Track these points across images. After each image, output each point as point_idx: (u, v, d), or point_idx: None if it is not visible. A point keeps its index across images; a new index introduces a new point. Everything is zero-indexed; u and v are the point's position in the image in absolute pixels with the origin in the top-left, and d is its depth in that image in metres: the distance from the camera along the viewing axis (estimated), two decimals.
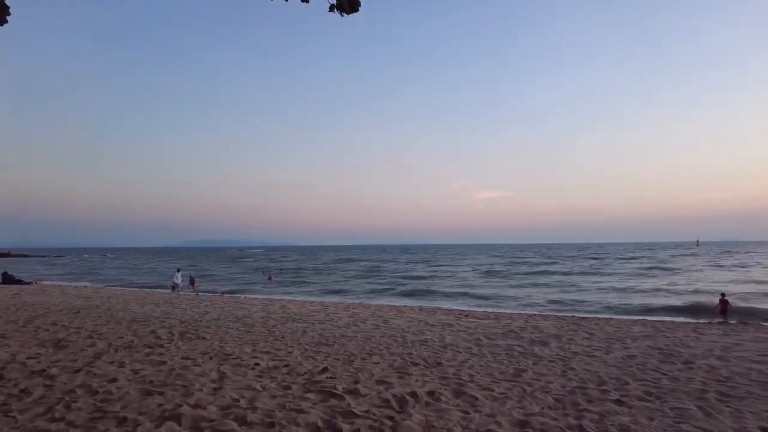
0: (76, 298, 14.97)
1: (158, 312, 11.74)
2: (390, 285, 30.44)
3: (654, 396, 5.08)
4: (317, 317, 11.27)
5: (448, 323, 10.56)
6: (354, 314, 12.05)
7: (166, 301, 14.76)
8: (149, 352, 6.81)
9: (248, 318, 10.89)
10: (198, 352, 6.92)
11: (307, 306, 14.90)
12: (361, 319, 11.05)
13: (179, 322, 9.91)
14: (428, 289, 26.95)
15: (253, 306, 13.88)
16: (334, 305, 15.73)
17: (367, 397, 4.93)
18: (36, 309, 11.77)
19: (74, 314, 10.84)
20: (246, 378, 5.57)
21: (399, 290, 26.85)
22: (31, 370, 5.65)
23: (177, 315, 11.20)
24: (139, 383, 5.19)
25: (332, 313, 12.19)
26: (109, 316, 10.72)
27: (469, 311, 14.98)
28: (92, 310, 11.77)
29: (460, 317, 12.18)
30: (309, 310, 13.12)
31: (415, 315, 12.44)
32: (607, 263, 49.97)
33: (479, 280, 33.53)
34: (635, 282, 28.45)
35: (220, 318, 10.80)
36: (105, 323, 9.56)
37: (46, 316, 10.53)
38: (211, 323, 9.92)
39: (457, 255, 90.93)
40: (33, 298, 14.55)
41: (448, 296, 23.30)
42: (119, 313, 11.27)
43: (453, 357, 7.01)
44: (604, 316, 14.06)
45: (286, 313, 12.15)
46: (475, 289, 26.56)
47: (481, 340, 8.44)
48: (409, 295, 24.16)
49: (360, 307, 14.91)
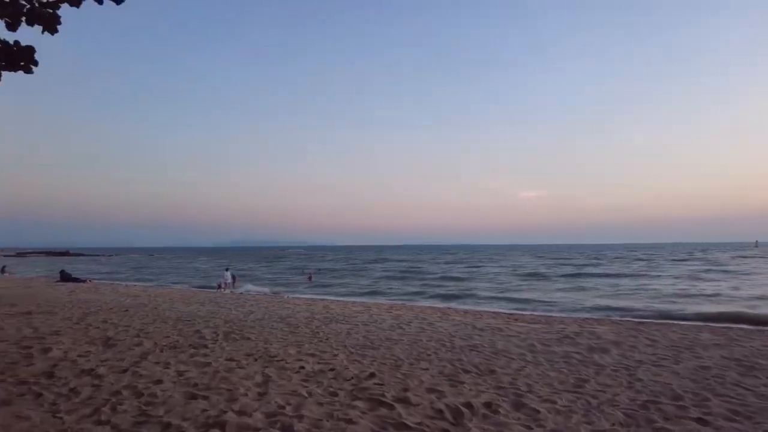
0: (125, 296, 15.37)
1: (203, 311, 11.82)
2: (428, 286, 29.99)
3: (742, 416, 4.52)
4: (360, 318, 11.04)
5: (497, 327, 10.09)
6: (397, 316, 11.75)
7: (211, 300, 14.93)
8: (194, 353, 6.74)
9: (292, 318, 10.79)
10: (242, 354, 6.80)
11: (349, 307, 14.72)
12: (405, 321, 10.74)
13: (224, 322, 9.90)
14: (469, 291, 26.35)
15: (297, 306, 13.83)
16: (376, 306, 15.49)
17: (419, 407, 4.62)
18: (89, 306, 12.09)
19: (123, 312, 11.04)
20: (291, 382, 5.36)
21: (438, 292, 26.36)
22: (80, 369, 5.65)
23: (222, 314, 11.23)
24: (184, 386, 5.06)
25: (375, 315, 11.93)
26: (155, 314, 10.86)
27: (518, 314, 14.39)
28: (140, 308, 11.98)
29: (509, 321, 11.67)
30: (352, 311, 12.93)
31: (461, 318, 12.01)
32: (657, 265, 47.66)
33: (522, 282, 32.59)
34: (690, 285, 26.86)
35: (264, 318, 10.75)
36: (152, 322, 9.65)
37: (97, 313, 10.77)
38: (255, 323, 9.86)
39: (498, 256, 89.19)
40: (86, 296, 15.04)
41: (490, 299, 22.64)
42: (165, 312, 11.40)
43: (506, 364, 6.60)
44: (663, 322, 13.18)
45: (329, 313, 12.00)
46: (519, 292, 25.74)
47: (534, 346, 7.95)
48: (449, 297, 23.63)
49: (403, 309, 14.60)
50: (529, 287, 28.62)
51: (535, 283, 31.86)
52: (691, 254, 75.18)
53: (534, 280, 34.24)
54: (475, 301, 21.50)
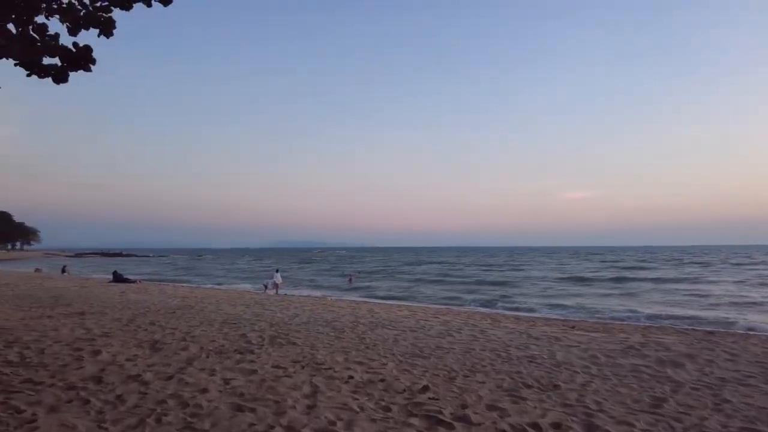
0: (173, 297, 15.60)
1: (249, 314, 11.77)
2: (471, 290, 29.32)
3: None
4: (407, 324, 10.65)
5: (554, 336, 9.47)
6: (446, 322, 11.29)
7: (256, 302, 14.93)
8: (240, 359, 6.56)
9: (337, 322, 10.54)
10: (289, 360, 6.56)
11: (394, 311, 14.39)
12: (454, 328, 10.27)
13: (269, 325, 9.76)
14: (514, 296, 25.50)
15: (341, 309, 13.60)
16: (422, 310, 15.09)
17: (481, 426, 4.20)
18: (138, 308, 12.28)
19: (170, 314, 11.11)
20: (341, 394, 5.06)
21: (482, 296, 25.65)
22: (127, 374, 5.54)
23: (267, 317, 11.13)
24: (230, 395, 4.84)
25: (422, 320, 11.52)
26: (202, 317, 10.86)
27: (575, 322, 13.64)
28: (187, 310, 12.05)
29: (566, 329, 10.98)
30: (397, 315, 12.57)
31: (513, 325, 11.43)
32: (717, 269, 44.86)
33: (570, 287, 31.35)
34: (759, 292, 25.00)
35: (310, 321, 10.55)
36: (198, 324, 9.62)
37: (145, 315, 10.88)
38: (301, 327, 9.66)
39: (542, 258, 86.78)
40: (136, 297, 15.36)
41: (539, 304, 21.77)
42: (212, 314, 11.41)
43: (570, 378, 6.06)
44: (738, 332, 12.13)
45: (374, 317, 11.69)
46: (568, 298, 24.71)
47: (598, 357, 7.34)
48: (494, 302, 22.91)
49: (450, 314, 14.12)
50: (577, 292, 27.46)
51: (584, 287, 30.58)
52: (750, 257, 70.58)
53: (582, 284, 32.92)
54: (523, 306, 20.71)
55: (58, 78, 6.79)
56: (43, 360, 6.15)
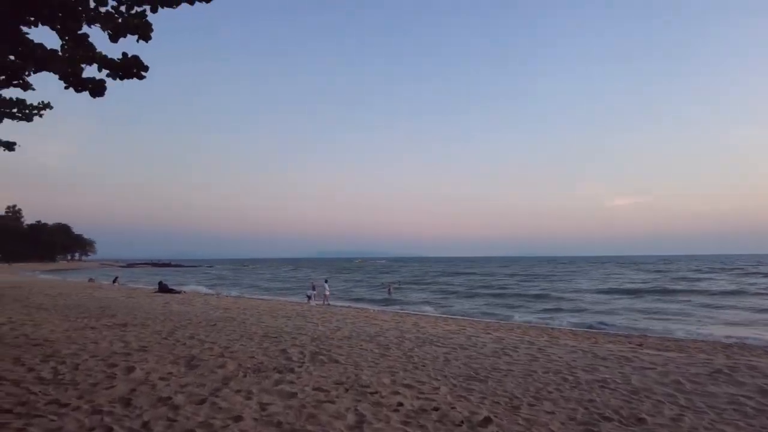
0: (215, 308, 15.43)
1: (290, 326, 11.34)
2: (518, 302, 28.10)
3: None
4: (456, 340, 9.88)
5: (623, 356, 8.47)
6: (499, 339, 10.43)
7: (298, 314, 14.53)
8: (279, 379, 6.03)
9: (381, 337, 9.91)
10: (331, 381, 5.98)
11: (440, 325, 13.63)
12: (510, 345, 9.41)
13: (311, 340, 9.26)
14: (565, 309, 24.15)
15: (384, 322, 12.95)
16: (471, 325, 14.25)
17: None
18: (179, 319, 12.08)
19: (211, 327, 10.81)
20: (389, 425, 4.43)
21: (530, 309, 24.45)
22: (158, 396, 5.11)
23: (308, 330, 10.65)
24: (266, 425, 4.30)
25: (472, 336, 10.71)
26: (242, 330, 10.50)
27: (641, 338, 12.47)
28: (228, 322, 11.75)
29: (634, 347, 9.92)
30: (444, 330, 11.79)
31: (573, 342, 10.46)
32: None
33: (623, 298, 29.54)
34: None
35: (352, 336, 9.98)
36: (238, 338, 9.23)
37: (186, 328, 10.62)
38: (343, 342, 9.10)
39: (590, 267, 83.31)
40: (179, 308, 15.28)
41: (592, 318, 20.42)
42: (252, 327, 11.04)
43: (656, 409, 5.17)
44: None
45: (420, 332, 10.98)
46: (623, 311, 23.16)
47: (682, 384, 6.36)
48: (544, 315, 21.70)
49: (502, 329, 13.24)
50: (631, 305, 25.75)
51: (637, 300, 28.72)
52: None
53: (635, 296, 30.93)
54: (577, 320, 19.44)
55: (95, 92, 6.59)
56: (76, 377, 5.84)
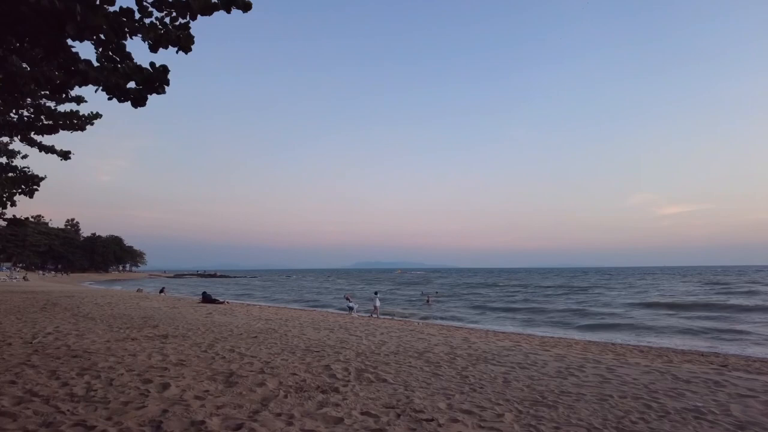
0: (257, 320, 15.09)
1: (333, 339, 10.78)
2: (565, 314, 26.63)
3: None
4: (513, 358, 8.97)
5: (710, 378, 7.35)
6: (559, 356, 9.45)
7: (340, 326, 13.98)
8: (323, 401, 5.42)
9: (430, 353, 9.16)
10: (381, 404, 5.32)
11: (492, 339, 12.76)
12: (574, 364, 8.42)
13: (355, 355, 8.64)
14: (619, 322, 22.59)
15: (432, 336, 12.14)
16: (525, 340, 13.29)
17: None
18: (221, 331, 11.76)
19: (252, 339, 10.39)
20: None
21: (579, 322, 23.01)
22: (191, 419, 4.59)
23: (353, 344, 10.05)
24: None
25: (530, 353, 9.76)
26: (284, 343, 10.02)
27: (720, 358, 11.16)
28: (269, 334, 11.31)
29: (719, 368, 8.74)
30: (498, 346, 10.86)
31: (644, 361, 9.36)
32: None
33: (674, 314, 27.48)
34: None
35: (399, 351, 9.28)
36: (279, 352, 8.72)
37: (226, 340, 10.23)
38: (390, 358, 8.42)
39: (636, 278, 79.27)
40: (221, 319, 15.03)
41: (655, 332, 18.89)
42: (294, 339, 10.54)
43: None
44: None
45: (472, 348, 10.13)
46: (672, 326, 21.39)
47: None
48: (597, 329, 20.28)
49: (560, 345, 12.22)
50: (687, 316, 23.85)
51: (698, 312, 26.64)
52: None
53: (699, 309, 28.74)
54: (633, 333, 18.02)
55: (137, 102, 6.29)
56: (108, 394, 5.42)
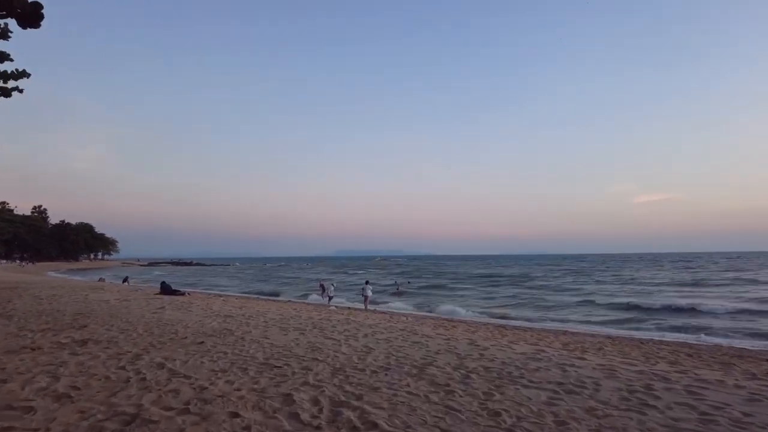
0: (214, 316, 12.54)
1: (302, 344, 8.43)
2: (551, 302, 24.94)
3: None
4: (547, 374, 6.52)
5: None
6: (606, 369, 6.99)
7: (314, 325, 11.57)
8: None
9: (433, 367, 6.78)
10: None
11: (500, 340, 10.52)
12: (637, 385, 6.08)
13: (331, 373, 6.27)
14: (648, 318, 20.87)
15: (429, 339, 9.62)
16: (542, 339, 11.09)
17: None
18: (162, 333, 9.30)
19: (196, 346, 7.92)
20: None
21: (601, 317, 21.22)
22: None
23: (328, 353, 7.68)
24: None
25: (564, 364, 7.29)
26: (239, 350, 7.64)
27: None
28: (222, 338, 8.88)
29: None
30: (516, 353, 8.34)
31: (726, 378, 7.21)
32: None
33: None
34: None
35: (391, 364, 6.90)
36: (226, 368, 6.31)
37: (163, 347, 7.76)
38: (380, 378, 6.01)
39: (617, 264, 78.89)
40: (172, 315, 12.48)
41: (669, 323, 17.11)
42: (252, 346, 8.13)
43: None
44: None
45: (485, 357, 7.69)
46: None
47: None
48: (617, 324, 18.43)
49: (591, 350, 10.03)
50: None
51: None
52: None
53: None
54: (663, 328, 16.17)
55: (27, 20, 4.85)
56: None
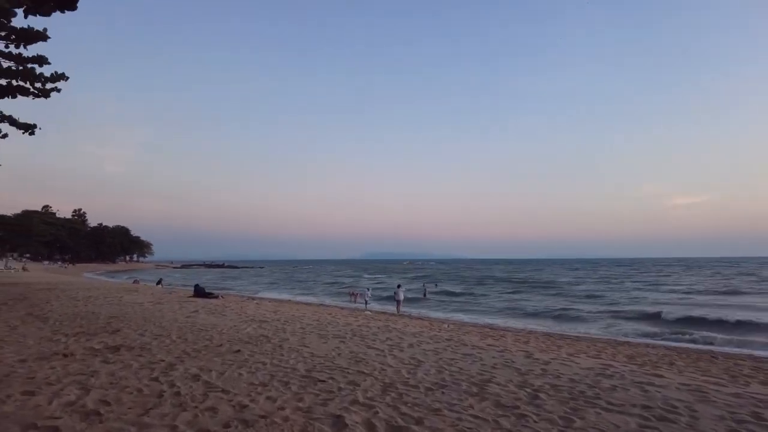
0: (249, 321, 12.07)
1: (345, 355, 7.80)
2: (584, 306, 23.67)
3: None
4: (626, 395, 5.63)
5: None
6: (697, 392, 6.14)
7: (354, 332, 10.95)
8: None
9: (494, 384, 6.02)
10: None
11: (560, 353, 9.67)
12: (738, 411, 5.30)
13: (381, 389, 5.61)
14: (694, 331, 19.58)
15: (480, 350, 8.75)
16: (602, 351, 10.21)
17: None
18: (197, 339, 8.85)
19: (233, 355, 7.41)
20: None
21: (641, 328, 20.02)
22: None
23: (374, 365, 7.03)
24: None
25: (641, 382, 6.39)
26: (278, 360, 7.10)
27: None
28: (259, 345, 8.37)
29: None
30: (582, 368, 7.41)
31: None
32: None
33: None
34: None
35: (446, 380, 6.18)
36: (266, 381, 5.74)
37: (197, 355, 7.28)
38: (437, 398, 5.28)
39: (654, 270, 75.70)
40: (206, 319, 12.08)
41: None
42: (291, 355, 7.56)
43: None
44: None
45: (548, 373, 6.88)
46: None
47: None
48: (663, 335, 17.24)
49: (663, 364, 9.13)
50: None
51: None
52: None
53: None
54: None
55: None
56: None
